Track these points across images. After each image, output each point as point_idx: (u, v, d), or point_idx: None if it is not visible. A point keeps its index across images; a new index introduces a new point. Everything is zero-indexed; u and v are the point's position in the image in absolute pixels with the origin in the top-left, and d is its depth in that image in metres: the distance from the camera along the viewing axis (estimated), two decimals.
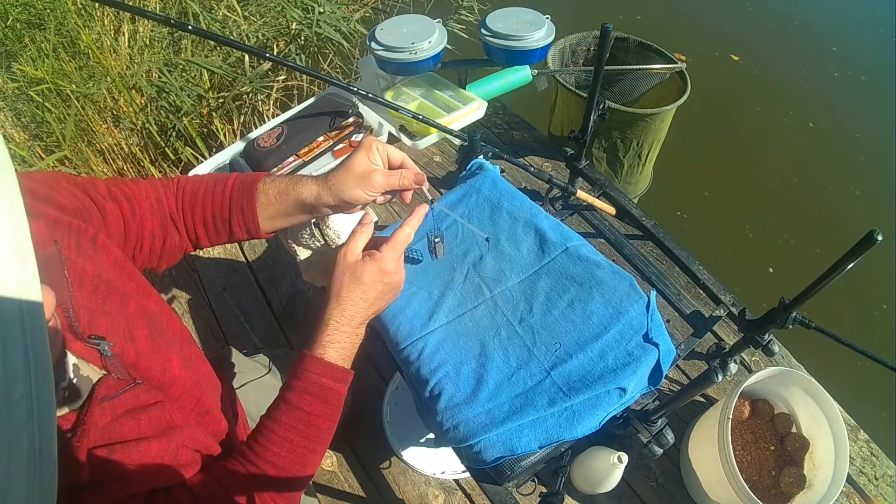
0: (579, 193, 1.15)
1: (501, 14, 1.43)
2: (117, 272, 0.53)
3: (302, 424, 0.57)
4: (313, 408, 0.57)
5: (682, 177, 2.43)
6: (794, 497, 1.14)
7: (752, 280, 2.11)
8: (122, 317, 0.50)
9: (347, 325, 0.61)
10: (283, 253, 1.67)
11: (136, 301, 0.54)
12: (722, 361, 0.71)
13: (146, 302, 0.56)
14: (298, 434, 0.56)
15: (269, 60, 1.83)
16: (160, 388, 0.52)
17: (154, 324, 0.55)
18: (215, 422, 0.61)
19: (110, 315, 0.49)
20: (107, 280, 0.50)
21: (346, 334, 0.61)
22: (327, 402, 0.58)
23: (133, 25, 1.99)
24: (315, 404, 0.57)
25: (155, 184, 0.66)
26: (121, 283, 0.53)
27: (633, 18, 3.22)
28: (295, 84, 2.20)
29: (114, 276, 0.52)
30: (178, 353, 0.56)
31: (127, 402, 0.47)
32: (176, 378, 0.54)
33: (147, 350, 0.51)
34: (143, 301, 0.55)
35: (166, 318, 0.59)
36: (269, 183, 0.66)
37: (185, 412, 0.55)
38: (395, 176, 0.66)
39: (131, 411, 0.47)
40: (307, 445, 0.57)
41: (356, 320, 0.62)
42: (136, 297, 0.54)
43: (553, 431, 0.68)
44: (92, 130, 1.88)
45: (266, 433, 0.56)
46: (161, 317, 0.58)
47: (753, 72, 2.96)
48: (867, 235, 0.67)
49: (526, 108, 2.22)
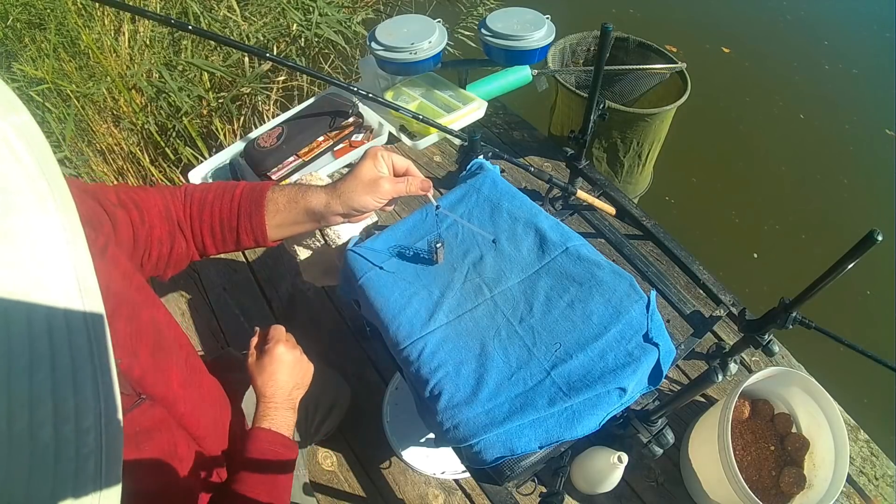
0: (579, 193, 1.15)
1: (501, 14, 1.43)
2: (126, 284, 0.53)
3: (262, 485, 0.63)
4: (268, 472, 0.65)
5: (683, 176, 2.44)
6: (794, 497, 1.14)
7: (754, 278, 2.11)
8: (127, 332, 0.51)
9: (273, 403, 0.71)
10: (283, 253, 1.67)
11: (145, 313, 0.54)
12: (722, 361, 0.71)
13: (154, 313, 0.56)
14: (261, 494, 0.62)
15: (270, 60, 1.83)
16: (164, 404, 0.52)
17: (159, 337, 0.55)
18: (211, 446, 0.64)
19: (116, 331, 0.49)
20: (115, 293, 0.51)
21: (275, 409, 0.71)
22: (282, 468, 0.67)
23: (133, 25, 1.99)
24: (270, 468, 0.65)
25: (163, 191, 0.66)
26: (129, 296, 0.53)
27: (626, 12, 3.24)
28: (295, 84, 2.20)
29: (122, 289, 0.52)
30: (178, 370, 0.57)
31: (134, 422, 0.47)
32: (177, 396, 0.54)
33: (150, 367, 0.52)
34: (152, 312, 0.55)
35: (172, 330, 0.59)
36: (278, 191, 0.68)
37: (187, 432, 0.55)
38: (402, 183, 0.68)
39: (137, 434, 0.47)
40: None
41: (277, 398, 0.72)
42: (145, 308, 0.55)
43: (553, 431, 0.68)
44: (92, 130, 1.88)
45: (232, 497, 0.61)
46: (167, 329, 0.58)
47: (744, 64, 2.97)
48: (867, 235, 0.67)
49: (526, 108, 2.22)
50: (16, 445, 0.21)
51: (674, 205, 2.34)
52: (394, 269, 0.80)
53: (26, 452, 0.21)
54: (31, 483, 0.21)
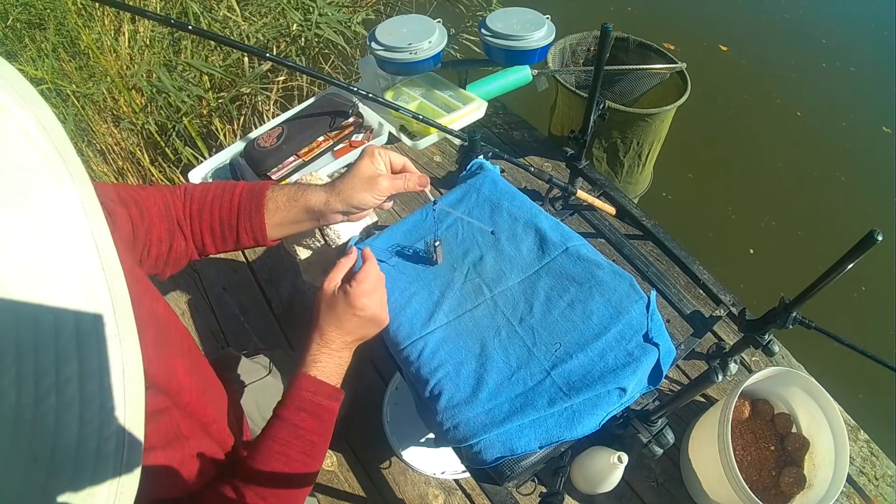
0: (579, 193, 1.15)
1: (501, 14, 1.43)
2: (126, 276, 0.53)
3: (297, 440, 0.59)
4: (307, 424, 0.60)
5: (680, 173, 2.44)
6: (794, 497, 1.14)
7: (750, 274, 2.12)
8: None
9: (327, 348, 0.64)
10: (283, 253, 1.67)
11: (145, 304, 0.54)
12: (722, 361, 0.71)
13: (155, 306, 0.56)
14: (293, 448, 0.58)
15: (270, 60, 1.83)
16: (167, 394, 0.52)
17: (161, 329, 0.55)
18: (220, 430, 0.62)
19: None
20: None
21: (328, 356, 0.64)
22: (320, 418, 0.61)
23: (133, 25, 1.99)
24: (308, 421, 0.60)
25: (163, 190, 0.66)
26: (130, 287, 0.53)
27: (625, 10, 3.24)
28: (295, 84, 2.20)
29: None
30: (183, 360, 0.57)
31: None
32: (182, 386, 0.54)
33: (154, 357, 0.51)
34: (153, 305, 0.55)
35: (173, 323, 0.59)
36: (277, 191, 0.68)
37: (191, 421, 0.55)
38: (400, 179, 0.68)
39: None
40: (302, 460, 0.59)
41: (335, 345, 0.65)
42: (145, 299, 0.55)
43: (553, 431, 0.68)
44: (92, 130, 1.88)
45: (263, 449, 0.58)
46: (168, 322, 0.58)
47: (742, 62, 2.98)
48: (867, 235, 0.67)
49: (526, 108, 2.22)
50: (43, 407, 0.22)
51: (670, 201, 2.34)
52: (394, 268, 0.81)
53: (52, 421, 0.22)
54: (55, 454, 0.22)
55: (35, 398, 0.22)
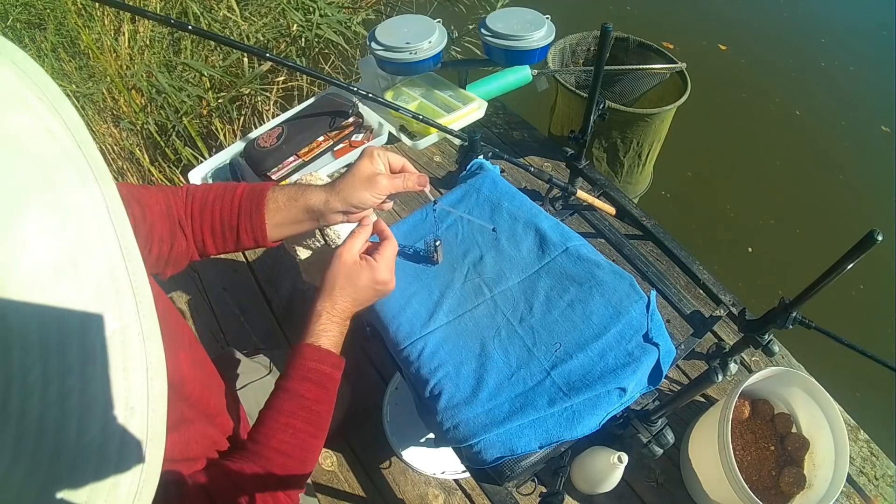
0: (579, 193, 1.15)
1: (501, 14, 1.44)
2: None
3: (303, 410, 0.58)
4: (312, 393, 0.59)
5: (678, 171, 2.44)
6: (794, 497, 1.14)
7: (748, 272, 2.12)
8: None
9: (338, 317, 0.64)
10: (283, 253, 1.67)
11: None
12: (722, 361, 0.71)
13: (156, 301, 0.56)
14: (300, 420, 0.58)
15: (270, 60, 1.83)
16: (171, 386, 0.52)
17: (162, 321, 0.55)
18: (224, 422, 0.62)
19: None
20: None
21: (337, 325, 0.64)
22: (325, 387, 0.61)
23: (133, 26, 1.99)
24: (314, 390, 0.59)
25: (165, 190, 0.67)
26: None
27: (624, 9, 3.25)
28: (295, 84, 2.20)
29: None
30: (185, 352, 0.57)
31: None
32: (185, 377, 0.54)
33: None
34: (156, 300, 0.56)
35: (174, 318, 0.59)
36: (278, 191, 0.68)
37: (196, 411, 0.55)
38: (400, 179, 0.68)
39: None
40: (309, 430, 0.59)
41: (345, 315, 0.65)
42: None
43: (553, 431, 0.68)
44: (92, 130, 1.88)
45: (268, 423, 0.57)
46: (170, 317, 0.58)
47: (741, 61, 2.98)
48: (867, 235, 0.67)
49: (526, 108, 2.22)
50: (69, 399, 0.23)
51: (670, 200, 2.35)
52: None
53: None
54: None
55: (59, 395, 0.23)
